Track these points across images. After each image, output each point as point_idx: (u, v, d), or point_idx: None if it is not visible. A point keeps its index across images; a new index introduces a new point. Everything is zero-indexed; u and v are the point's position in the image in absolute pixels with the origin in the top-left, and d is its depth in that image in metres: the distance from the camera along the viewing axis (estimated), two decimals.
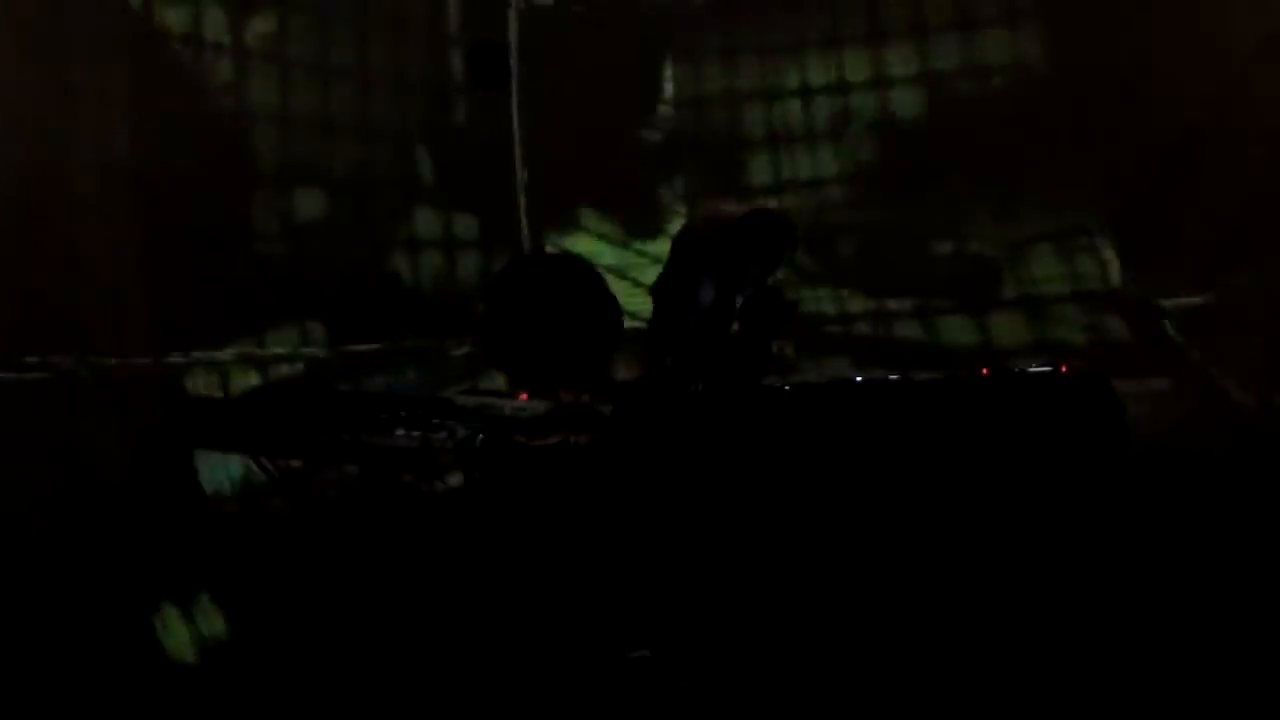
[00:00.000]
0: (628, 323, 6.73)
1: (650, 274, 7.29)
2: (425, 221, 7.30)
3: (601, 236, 7.66)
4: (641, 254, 7.53)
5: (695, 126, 7.80)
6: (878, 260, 7.45)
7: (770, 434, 4.32)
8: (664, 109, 7.81)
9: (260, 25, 6.58)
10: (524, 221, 7.55)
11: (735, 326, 4.94)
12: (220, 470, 5.17)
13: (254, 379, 6.21)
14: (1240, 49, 6.40)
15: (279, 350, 6.46)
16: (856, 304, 7.36)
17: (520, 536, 4.51)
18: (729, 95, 7.74)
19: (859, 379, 4.90)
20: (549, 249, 7.40)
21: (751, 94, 7.73)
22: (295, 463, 4.90)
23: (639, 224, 7.67)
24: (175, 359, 5.95)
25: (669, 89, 7.81)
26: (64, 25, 5.46)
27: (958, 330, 7.25)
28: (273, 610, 4.80)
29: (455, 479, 4.60)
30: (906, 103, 7.48)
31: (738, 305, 4.92)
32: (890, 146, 7.52)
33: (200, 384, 6.00)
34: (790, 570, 4.23)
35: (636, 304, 6.77)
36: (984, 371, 4.83)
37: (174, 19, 6.14)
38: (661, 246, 7.22)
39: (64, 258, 5.27)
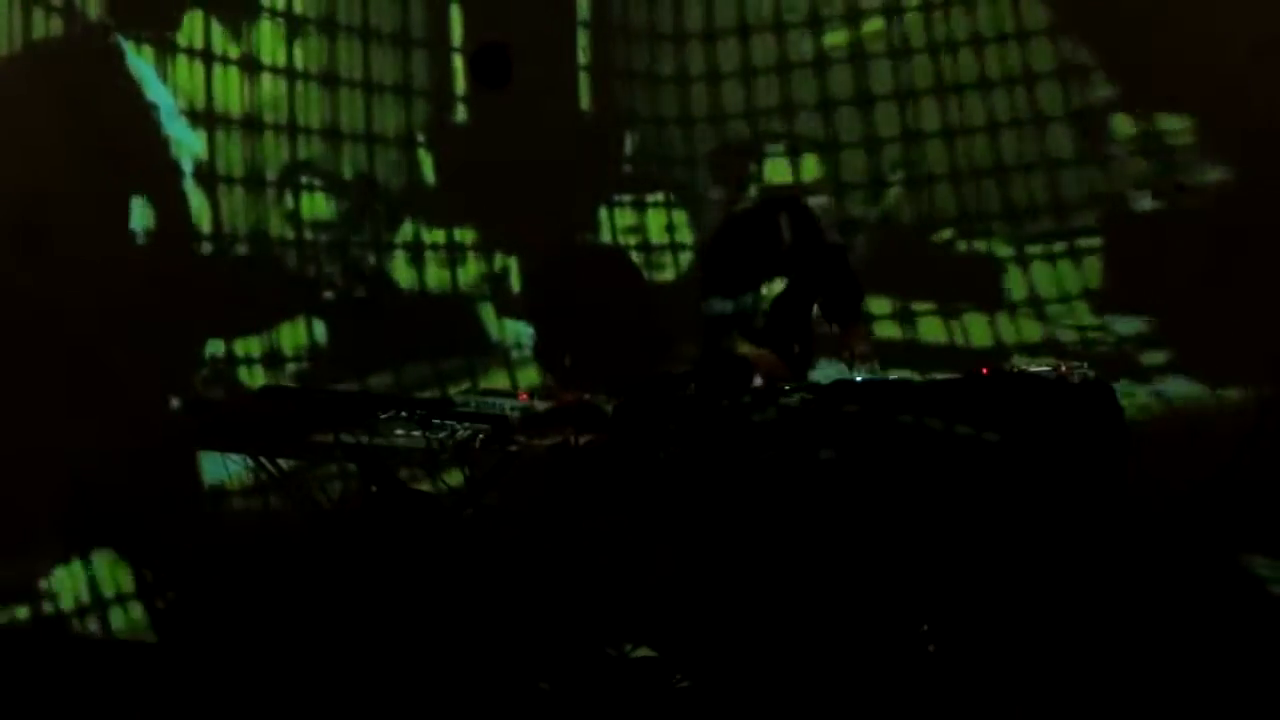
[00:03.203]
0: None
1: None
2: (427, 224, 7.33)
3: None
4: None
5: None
6: (879, 259, 7.45)
7: (768, 434, 4.32)
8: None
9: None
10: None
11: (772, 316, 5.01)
12: (221, 470, 5.17)
13: (254, 379, 6.22)
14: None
15: (282, 351, 6.48)
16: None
17: (520, 536, 4.52)
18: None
19: (857, 379, 4.90)
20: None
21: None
22: (295, 463, 4.90)
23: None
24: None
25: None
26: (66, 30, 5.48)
27: (957, 330, 7.26)
28: (273, 610, 4.80)
29: (455, 479, 4.60)
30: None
31: (769, 295, 5.00)
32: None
33: (201, 383, 6.02)
34: (788, 570, 4.23)
35: None
36: (983, 371, 4.82)
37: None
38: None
39: (64, 257, 5.29)
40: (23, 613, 4.96)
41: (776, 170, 7.70)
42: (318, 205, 6.85)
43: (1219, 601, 4.64)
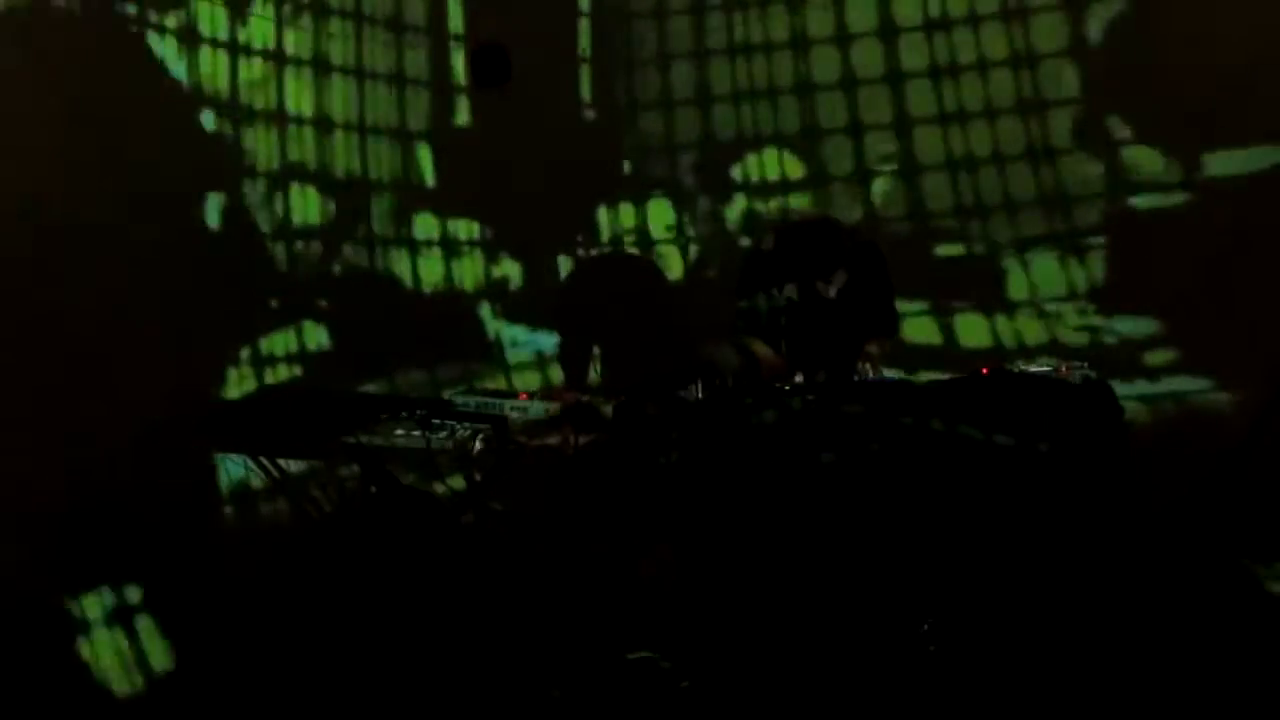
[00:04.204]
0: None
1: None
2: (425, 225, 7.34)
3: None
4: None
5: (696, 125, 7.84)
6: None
7: (767, 434, 4.32)
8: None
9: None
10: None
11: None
12: (220, 470, 5.18)
13: (254, 379, 6.22)
14: None
15: (280, 351, 6.48)
16: None
17: (520, 537, 4.53)
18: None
19: (856, 379, 4.89)
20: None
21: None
22: (295, 463, 4.90)
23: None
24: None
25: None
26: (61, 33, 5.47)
27: (956, 330, 7.26)
28: (273, 612, 4.81)
29: (455, 479, 4.61)
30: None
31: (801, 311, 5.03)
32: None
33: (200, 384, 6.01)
34: (788, 571, 4.23)
35: None
36: (983, 371, 4.81)
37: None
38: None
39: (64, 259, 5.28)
40: (23, 615, 4.95)
41: (777, 168, 7.71)
42: (316, 205, 6.84)
43: (1219, 601, 4.64)
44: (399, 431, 4.46)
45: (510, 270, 7.55)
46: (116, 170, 5.59)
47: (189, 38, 6.16)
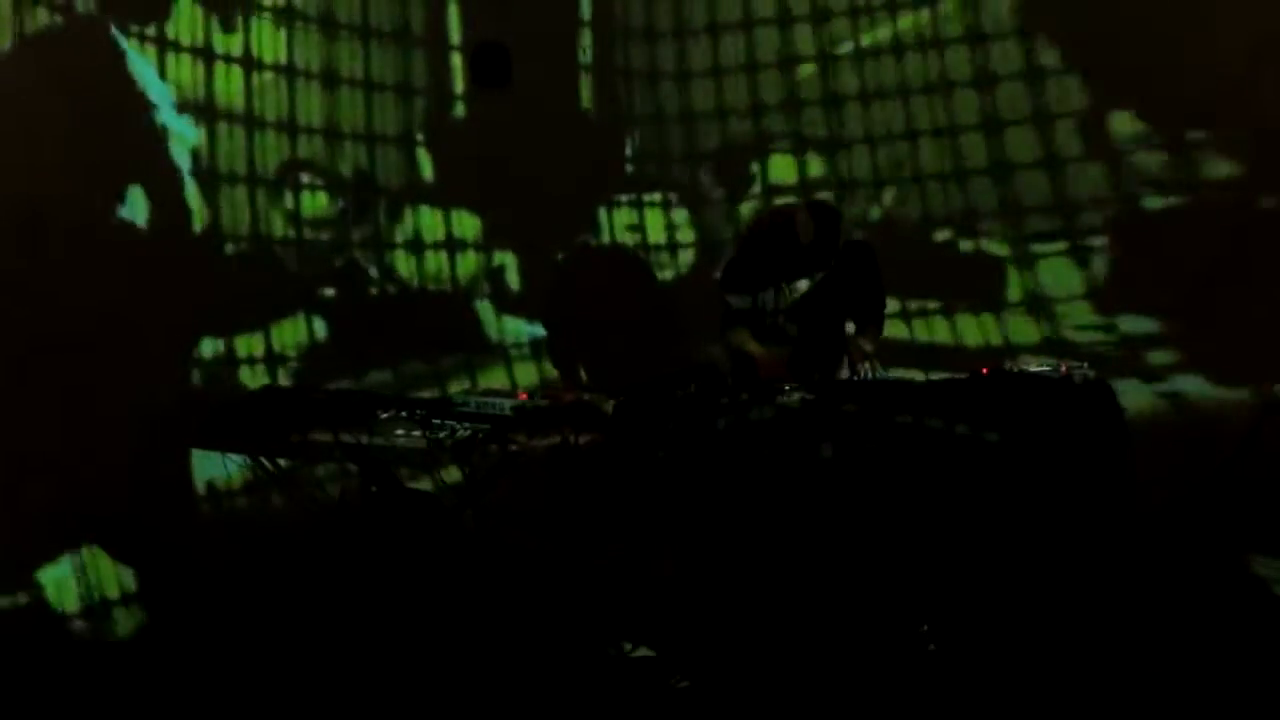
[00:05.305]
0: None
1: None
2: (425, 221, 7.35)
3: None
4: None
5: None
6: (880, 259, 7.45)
7: (766, 434, 4.33)
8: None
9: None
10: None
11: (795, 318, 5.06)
12: (220, 471, 5.17)
13: (254, 379, 6.23)
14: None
15: (282, 350, 6.49)
16: None
17: (522, 535, 4.53)
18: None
19: (856, 379, 4.90)
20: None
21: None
22: (294, 463, 4.91)
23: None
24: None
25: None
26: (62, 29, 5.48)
27: (956, 330, 7.26)
28: (272, 612, 4.81)
29: (455, 479, 4.61)
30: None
31: (796, 296, 5.06)
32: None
33: (199, 383, 6.03)
34: (788, 571, 4.23)
35: None
36: (984, 371, 4.82)
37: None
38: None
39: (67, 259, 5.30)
40: (22, 614, 4.96)
41: (776, 169, 7.72)
42: (317, 203, 6.85)
43: (1219, 601, 4.64)
44: (399, 431, 4.46)
45: (510, 268, 7.57)
46: (116, 174, 5.62)
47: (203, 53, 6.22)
